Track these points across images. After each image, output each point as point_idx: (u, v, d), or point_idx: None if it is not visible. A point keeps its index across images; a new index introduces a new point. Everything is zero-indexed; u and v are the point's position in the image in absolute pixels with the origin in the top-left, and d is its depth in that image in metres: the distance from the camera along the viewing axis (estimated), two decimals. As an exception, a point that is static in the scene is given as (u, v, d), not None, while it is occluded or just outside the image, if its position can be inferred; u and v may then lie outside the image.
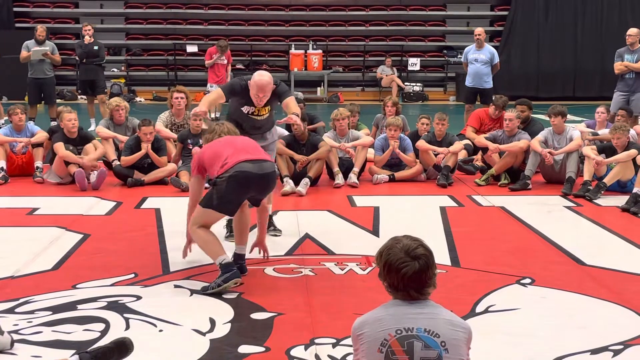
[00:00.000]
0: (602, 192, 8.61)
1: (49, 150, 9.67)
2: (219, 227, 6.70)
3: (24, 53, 13.78)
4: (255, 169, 5.29)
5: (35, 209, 7.98)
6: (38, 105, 14.25)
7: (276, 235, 6.84)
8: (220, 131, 5.68)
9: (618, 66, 11.92)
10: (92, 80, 14.40)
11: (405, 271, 2.84)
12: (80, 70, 15.40)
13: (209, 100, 6.68)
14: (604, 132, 9.96)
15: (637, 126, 10.13)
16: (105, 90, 14.93)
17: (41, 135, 9.83)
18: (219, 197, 5.27)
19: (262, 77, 6.35)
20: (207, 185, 5.70)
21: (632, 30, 12.10)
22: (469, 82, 13.35)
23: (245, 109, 6.50)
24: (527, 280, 5.59)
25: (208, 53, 16.02)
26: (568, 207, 8.27)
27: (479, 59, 13.13)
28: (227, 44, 16.10)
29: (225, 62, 16.01)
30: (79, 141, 9.40)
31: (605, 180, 8.68)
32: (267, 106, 6.55)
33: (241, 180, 5.25)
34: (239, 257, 5.66)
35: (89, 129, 12.82)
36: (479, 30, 13.41)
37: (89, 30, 14.38)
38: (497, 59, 13.28)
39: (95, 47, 14.35)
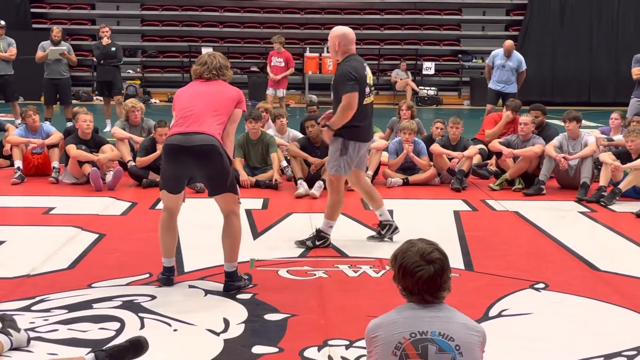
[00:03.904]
0: (617, 197, 8.59)
1: (64, 151, 9.74)
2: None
3: (39, 53, 13.88)
4: (180, 141, 5.08)
5: (51, 209, 8.04)
6: (54, 105, 14.36)
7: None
8: (213, 67, 5.33)
9: (636, 72, 11.87)
10: (108, 82, 14.48)
11: (420, 275, 2.85)
12: (97, 72, 15.48)
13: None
14: (618, 138, 9.93)
15: (652, 132, 10.07)
16: (122, 92, 14.99)
17: (56, 136, 9.91)
18: (160, 173, 5.38)
19: (337, 27, 6.47)
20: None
21: None
22: (493, 85, 13.47)
23: None
24: (541, 285, 5.58)
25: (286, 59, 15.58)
26: (582, 213, 8.25)
27: (507, 65, 13.28)
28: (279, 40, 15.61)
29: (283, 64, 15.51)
30: (93, 144, 9.46)
31: (620, 186, 8.66)
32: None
33: (168, 152, 5.19)
34: (227, 275, 5.34)
35: (105, 130, 12.94)
36: (509, 43, 13.50)
37: (107, 31, 14.46)
38: (524, 66, 13.37)
39: (113, 49, 14.44)
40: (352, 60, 6.41)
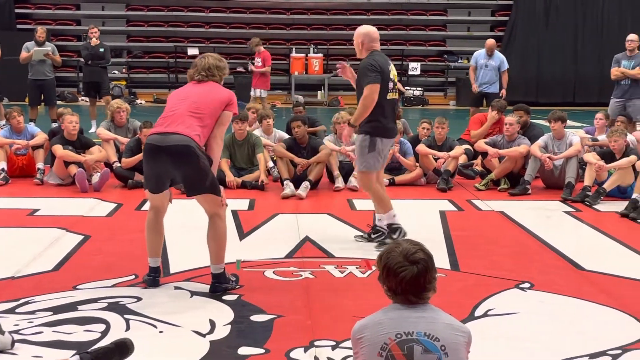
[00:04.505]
0: (602, 197, 8.64)
1: (48, 152, 9.69)
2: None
3: (24, 54, 13.82)
4: (157, 141, 5.08)
5: (36, 210, 8.00)
6: (39, 106, 14.29)
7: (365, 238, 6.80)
8: (202, 68, 5.35)
9: (614, 72, 11.97)
10: (96, 83, 14.47)
11: (404, 275, 2.85)
12: (84, 72, 15.35)
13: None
14: (603, 138, 9.99)
15: (636, 132, 10.16)
16: (110, 92, 14.92)
17: (40, 137, 9.85)
18: (143, 172, 5.41)
19: (362, 25, 6.56)
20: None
21: (632, 36, 12.14)
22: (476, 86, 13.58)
23: None
24: (526, 285, 5.61)
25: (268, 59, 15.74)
26: (567, 212, 8.29)
27: (489, 65, 13.50)
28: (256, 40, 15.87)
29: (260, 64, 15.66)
30: (79, 145, 9.42)
31: (605, 185, 8.71)
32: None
33: (146, 152, 5.24)
34: (214, 277, 5.32)
35: (90, 131, 12.87)
36: (491, 42, 13.69)
37: (95, 32, 14.45)
38: (506, 65, 13.53)
39: (101, 50, 14.41)
40: (375, 55, 6.45)
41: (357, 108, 6.37)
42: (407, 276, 2.85)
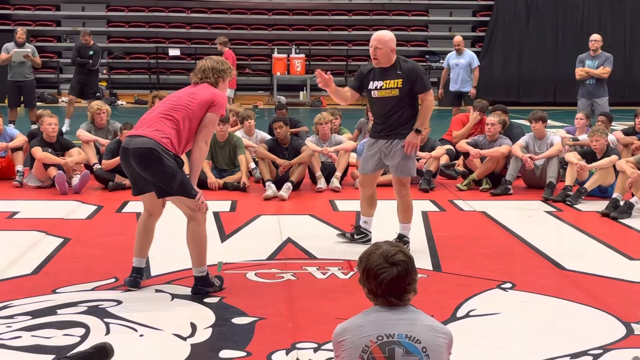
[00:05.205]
0: (583, 197, 8.68)
1: (28, 154, 9.61)
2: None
3: (3, 55, 13.71)
4: (125, 143, 5.12)
5: (15, 213, 7.93)
6: (18, 108, 14.18)
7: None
8: (198, 70, 5.32)
9: (579, 72, 12.17)
10: (85, 84, 14.41)
11: (384, 277, 2.84)
12: (75, 73, 15.20)
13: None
14: (583, 137, 10.04)
15: (616, 132, 10.22)
16: (97, 95, 14.73)
17: (20, 139, 9.76)
18: None
19: (382, 31, 6.41)
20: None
21: (595, 36, 12.35)
22: (452, 86, 13.98)
23: (371, 85, 6.39)
24: (508, 285, 5.61)
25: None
26: (549, 212, 8.32)
27: (460, 64, 13.78)
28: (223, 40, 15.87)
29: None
30: (58, 147, 9.34)
31: (586, 185, 8.74)
32: (397, 79, 6.29)
33: (119, 155, 5.31)
34: (197, 280, 5.27)
35: (62, 128, 12.76)
36: (458, 39, 13.93)
37: (89, 38, 14.51)
38: (477, 62, 13.76)
39: (90, 52, 14.37)
40: (406, 59, 6.56)
41: (423, 113, 6.37)
42: (387, 278, 2.83)
